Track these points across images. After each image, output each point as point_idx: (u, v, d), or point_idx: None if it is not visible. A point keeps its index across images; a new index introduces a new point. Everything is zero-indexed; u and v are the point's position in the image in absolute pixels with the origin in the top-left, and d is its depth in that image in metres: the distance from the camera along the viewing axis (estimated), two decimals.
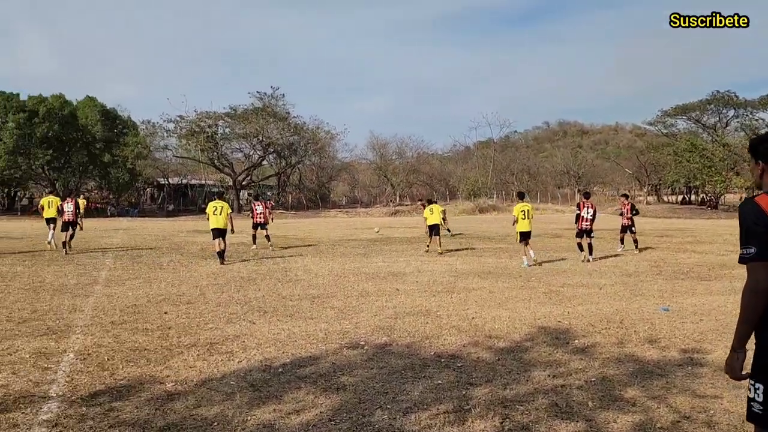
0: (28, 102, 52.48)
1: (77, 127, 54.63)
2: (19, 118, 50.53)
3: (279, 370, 5.43)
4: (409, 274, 12.01)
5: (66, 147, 54.48)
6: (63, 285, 10.56)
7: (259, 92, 60.47)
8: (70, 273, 12.20)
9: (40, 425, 4.10)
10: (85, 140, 55.28)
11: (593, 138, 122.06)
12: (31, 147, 51.12)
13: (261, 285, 10.62)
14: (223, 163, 61.50)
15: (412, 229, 29.90)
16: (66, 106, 54.13)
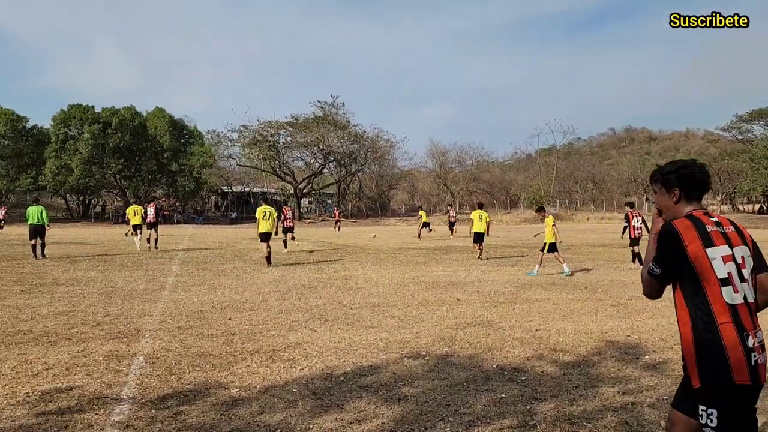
0: (102, 114, 55.18)
1: (147, 138, 56.99)
2: (94, 129, 53.18)
3: (340, 378, 5.44)
4: (469, 284, 11.87)
5: (136, 156, 56.88)
6: (133, 290, 10.96)
7: (319, 101, 61.60)
8: (140, 278, 12.65)
9: (113, 426, 4.23)
10: (154, 150, 57.57)
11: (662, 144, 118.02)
12: (104, 157, 53.66)
13: (322, 293, 10.71)
14: (284, 172, 62.71)
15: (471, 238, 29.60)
16: (137, 118, 56.60)
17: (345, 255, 18.96)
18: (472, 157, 72.99)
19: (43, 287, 11.18)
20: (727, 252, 2.63)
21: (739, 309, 2.55)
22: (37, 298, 9.94)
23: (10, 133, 54.41)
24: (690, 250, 2.61)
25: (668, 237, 2.67)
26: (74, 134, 55.38)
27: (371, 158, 63.93)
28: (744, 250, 2.68)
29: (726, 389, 2.47)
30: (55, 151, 53.69)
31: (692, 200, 2.80)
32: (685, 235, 2.63)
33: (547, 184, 72.44)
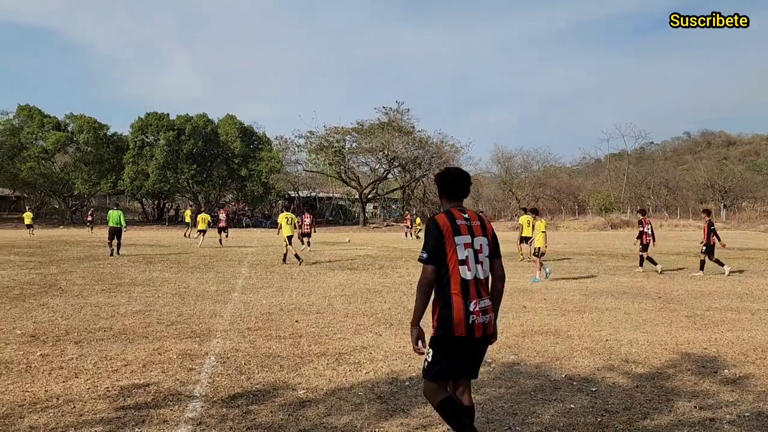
0: (176, 121, 57.43)
1: (218, 144, 58.91)
2: (169, 136, 55.44)
3: (406, 383, 5.44)
4: (536, 291, 11.64)
5: (208, 162, 58.87)
6: (205, 291, 11.32)
7: (384, 107, 61.99)
8: (211, 280, 13.06)
9: (186, 423, 4.38)
10: (224, 156, 59.44)
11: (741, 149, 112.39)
12: (178, 162, 55.80)
13: (387, 297, 10.74)
14: (350, 177, 63.40)
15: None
16: (208, 125, 58.60)
17: (410, 260, 18.96)
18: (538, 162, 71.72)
19: (121, 287, 11.71)
20: (468, 240, 3.46)
21: (469, 283, 3.41)
22: (116, 297, 10.42)
23: (92, 140, 57.40)
24: (446, 238, 3.41)
25: (433, 227, 3.47)
26: (150, 141, 57.89)
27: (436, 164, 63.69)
28: (483, 240, 3.54)
29: (449, 340, 3.40)
30: (132, 157, 56.26)
31: (452, 200, 3.65)
32: (443, 226, 3.44)
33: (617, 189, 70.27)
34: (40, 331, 7.52)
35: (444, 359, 3.44)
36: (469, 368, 3.59)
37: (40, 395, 4.95)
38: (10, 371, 5.65)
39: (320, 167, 64.68)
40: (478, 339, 3.44)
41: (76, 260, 17.64)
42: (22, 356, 6.22)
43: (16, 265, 16.13)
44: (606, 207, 63.43)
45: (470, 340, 3.40)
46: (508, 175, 70.04)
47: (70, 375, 5.55)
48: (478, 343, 3.47)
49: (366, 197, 63.84)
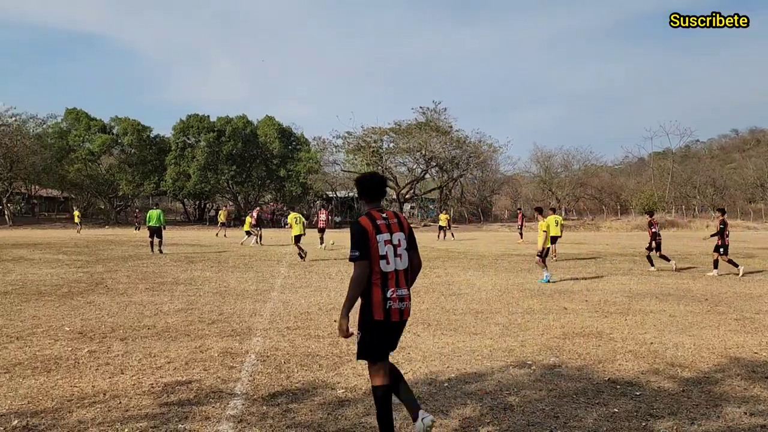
0: (216, 123, 58.41)
1: (257, 145, 59.69)
2: (210, 137, 56.42)
3: (444, 384, 5.40)
4: (577, 293, 11.44)
5: (247, 163, 59.70)
6: (245, 290, 11.47)
7: (422, 107, 61.82)
8: (251, 279, 13.23)
9: (228, 420, 4.45)
10: (263, 156, 60.19)
11: None
12: (218, 163, 56.74)
13: (425, 298, 10.71)
14: (387, 177, 63.46)
15: (579, 245, 28.57)
16: (248, 126, 59.43)
17: (447, 260, 18.87)
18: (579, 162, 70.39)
19: (164, 286, 11.95)
20: (387, 237, 3.91)
21: (388, 275, 3.88)
22: (159, 295, 10.65)
23: (136, 142, 58.79)
24: (370, 236, 3.84)
25: (358, 229, 3.88)
26: (192, 142, 59.00)
27: (473, 163, 63.28)
28: (401, 235, 4.00)
29: (369, 322, 3.87)
30: (174, 159, 57.43)
31: (372, 201, 4.09)
32: (366, 226, 3.87)
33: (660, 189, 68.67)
34: (87, 328, 7.73)
35: (372, 340, 3.91)
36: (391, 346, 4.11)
37: (87, 390, 5.09)
38: (59, 367, 5.82)
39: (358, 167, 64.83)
40: (394, 323, 3.92)
41: (120, 259, 18.10)
42: (71, 352, 6.41)
43: (64, 263, 16.63)
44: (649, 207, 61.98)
45: (387, 323, 3.88)
46: (547, 174, 69.04)
47: (116, 371, 5.69)
48: (394, 327, 3.96)
49: (403, 197, 63.78)
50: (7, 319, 8.30)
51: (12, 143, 53.48)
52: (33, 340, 7.01)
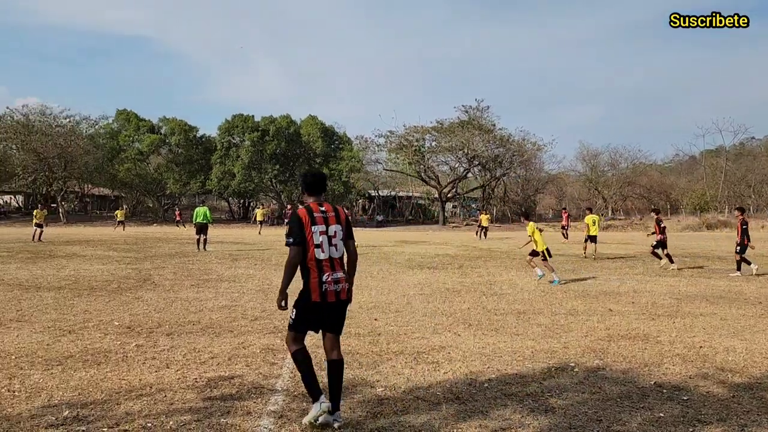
0: (261, 122, 59.25)
1: (300, 144, 60.29)
2: (254, 137, 57.30)
3: (485, 385, 5.36)
4: (623, 294, 11.19)
5: (290, 162, 60.35)
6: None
7: (464, 105, 61.33)
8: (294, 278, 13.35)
9: (268, 415, 4.51)
10: (306, 155, 60.76)
11: None
12: (262, 162, 57.56)
13: (466, 297, 10.64)
14: (429, 176, 63.25)
15: (626, 245, 27.94)
16: (291, 125, 60.09)
17: (489, 260, 18.71)
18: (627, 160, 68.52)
19: (209, 283, 12.20)
20: (323, 229, 4.37)
21: (323, 262, 4.34)
22: (204, 292, 10.87)
23: (183, 142, 60.15)
24: (305, 226, 4.33)
25: (295, 219, 4.39)
26: (236, 142, 60.00)
27: (517, 162, 62.43)
28: (338, 227, 4.44)
29: (307, 303, 4.37)
30: (220, 158, 58.51)
31: (312, 195, 4.57)
32: (303, 217, 4.35)
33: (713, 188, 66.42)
34: (135, 323, 7.95)
35: (303, 318, 4.43)
36: (331, 326, 4.54)
37: (134, 383, 5.24)
38: (108, 360, 6.00)
39: (400, 166, 64.87)
40: (331, 303, 4.39)
41: (167, 256, 18.55)
42: (119, 346, 6.60)
43: (114, 260, 17.14)
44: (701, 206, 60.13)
45: (324, 304, 4.36)
46: (593, 173, 67.56)
47: (162, 365, 5.84)
48: (332, 307, 4.42)
49: (445, 196, 63.44)
50: (61, 313, 8.60)
51: (66, 144, 55.38)
52: (84, 333, 7.25)
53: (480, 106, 60.94)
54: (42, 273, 13.47)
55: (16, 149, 58.64)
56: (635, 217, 61.29)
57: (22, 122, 56.45)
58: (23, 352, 6.27)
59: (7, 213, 58.54)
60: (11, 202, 68.13)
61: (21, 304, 9.26)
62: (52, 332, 7.28)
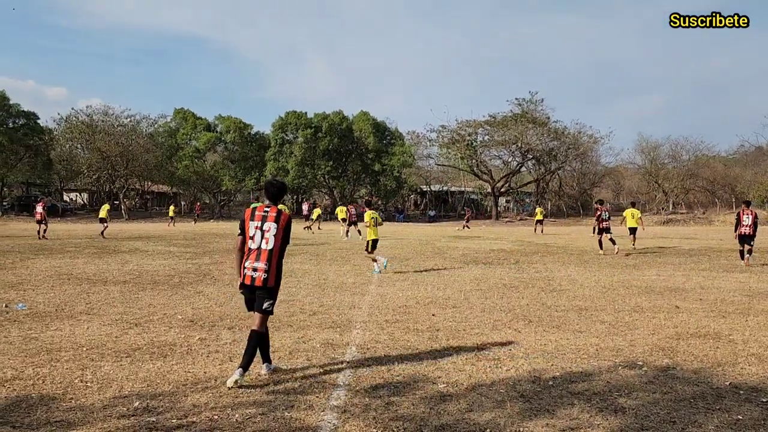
0: (314, 119, 59.90)
1: (352, 140, 60.66)
2: (307, 133, 57.96)
3: (549, 383, 5.23)
4: (690, 291, 10.77)
5: (343, 158, 60.83)
6: (343, 283, 11.67)
7: (517, 98, 60.40)
8: (348, 272, 13.44)
9: (331, 410, 4.51)
10: (359, 151, 61.09)
11: None
12: (315, 158, 58.21)
13: (524, 293, 10.45)
14: (482, 170, 62.62)
15: (690, 239, 26.95)
16: (344, 121, 60.49)
17: (546, 255, 18.35)
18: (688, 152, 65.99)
19: None
20: (258, 225, 5.28)
21: (252, 251, 5.27)
22: None
23: (238, 140, 61.42)
24: (246, 221, 5.35)
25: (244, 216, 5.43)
26: (290, 138, 60.84)
27: (572, 155, 61.01)
28: (273, 225, 5.27)
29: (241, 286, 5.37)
30: (274, 154, 59.47)
31: (268, 199, 5.47)
32: (245, 214, 5.40)
33: None
34: (197, 316, 8.13)
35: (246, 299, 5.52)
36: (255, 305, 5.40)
37: (200, 376, 5.34)
38: (174, 353, 6.14)
39: (452, 161, 64.36)
40: (248, 286, 5.32)
41: (225, 251, 18.94)
42: (183, 339, 6.75)
43: (175, 255, 17.61)
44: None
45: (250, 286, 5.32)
46: (653, 165, 65.35)
47: (225, 358, 5.93)
48: (252, 289, 5.33)
49: (498, 191, 62.66)
50: (127, 306, 8.88)
51: (128, 142, 57.36)
52: (150, 326, 7.45)
53: (534, 98, 59.93)
54: (108, 267, 13.96)
55: (81, 148, 61.17)
56: (698, 210, 59.11)
57: (86, 122, 58.78)
58: (94, 344, 6.48)
59: (73, 210, 61.01)
60: (77, 199, 71.01)
61: (90, 298, 9.60)
62: (120, 325, 7.51)
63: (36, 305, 8.85)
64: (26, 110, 56.32)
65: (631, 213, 21.08)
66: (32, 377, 5.26)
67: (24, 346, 6.39)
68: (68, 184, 68.28)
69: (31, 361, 5.76)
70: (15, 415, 4.38)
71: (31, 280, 11.64)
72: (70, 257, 16.44)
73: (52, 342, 6.57)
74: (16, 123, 55.42)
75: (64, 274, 12.64)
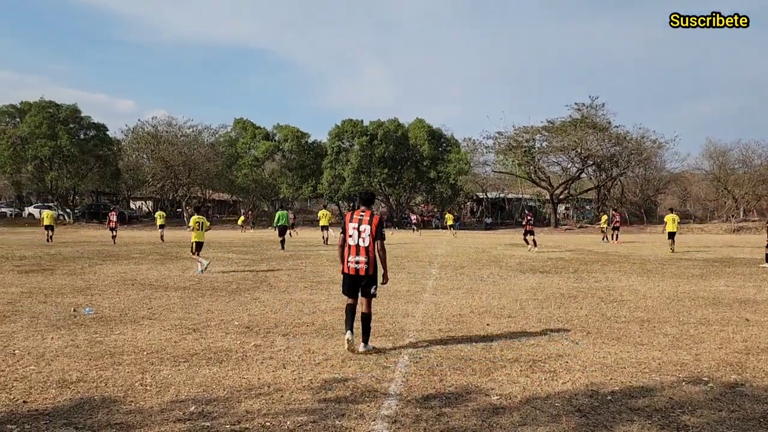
0: (369, 127, 60.28)
1: (408, 147, 60.70)
2: (363, 141, 58.38)
3: (608, 397, 5.04)
4: (761, 303, 10.23)
5: (398, 165, 60.90)
6: (397, 291, 11.65)
7: (576, 103, 59.07)
8: (403, 280, 13.41)
9: (382, 419, 4.48)
10: (414, 159, 61.05)
11: None
12: (371, 166, 58.53)
13: (583, 303, 10.17)
14: (540, 177, 61.55)
15: (761, 249, 25.66)
16: (399, 129, 60.61)
17: (606, 264, 17.83)
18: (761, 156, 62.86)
19: (321, 285, 12.48)
20: (356, 226, 6.56)
21: (351, 247, 6.56)
22: (317, 294, 11.13)
23: (295, 148, 62.47)
24: (345, 223, 6.66)
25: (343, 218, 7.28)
26: (346, 146, 61.40)
27: (635, 161, 59.15)
28: (367, 227, 6.54)
29: (343, 273, 6.66)
30: (330, 162, 60.13)
31: (362, 204, 6.85)
32: (346, 217, 6.72)
33: None
34: (253, 323, 8.26)
35: (343, 284, 6.76)
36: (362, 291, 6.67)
37: (254, 382, 5.41)
38: (229, 358, 6.26)
39: (509, 168, 63.49)
40: (352, 276, 6.60)
41: (281, 259, 19.24)
42: (239, 345, 6.87)
43: (233, 262, 18.01)
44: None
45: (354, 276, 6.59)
46: (722, 171, 62.67)
47: (279, 365, 6.00)
48: (355, 279, 6.60)
49: (557, 198, 61.41)
50: (186, 312, 9.12)
51: (190, 152, 59.25)
52: (207, 332, 7.62)
53: (594, 103, 58.48)
54: (169, 274, 14.39)
55: (146, 158, 63.55)
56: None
57: (151, 133, 61.10)
58: (153, 348, 6.68)
59: (138, 217, 63.36)
60: (142, 207, 73.73)
61: (151, 303, 9.92)
62: (179, 330, 7.71)
63: (102, 309, 9.20)
64: (96, 122, 59.00)
65: (672, 218, 23.69)
66: (95, 380, 5.46)
67: (89, 349, 6.64)
68: (134, 193, 71.01)
69: (95, 364, 5.98)
70: (78, 416, 4.54)
71: (98, 285, 12.13)
72: (134, 263, 17.05)
73: (115, 346, 6.81)
74: (87, 134, 58.12)
75: (128, 279, 13.11)
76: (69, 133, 54.76)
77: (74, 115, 56.70)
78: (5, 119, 57.61)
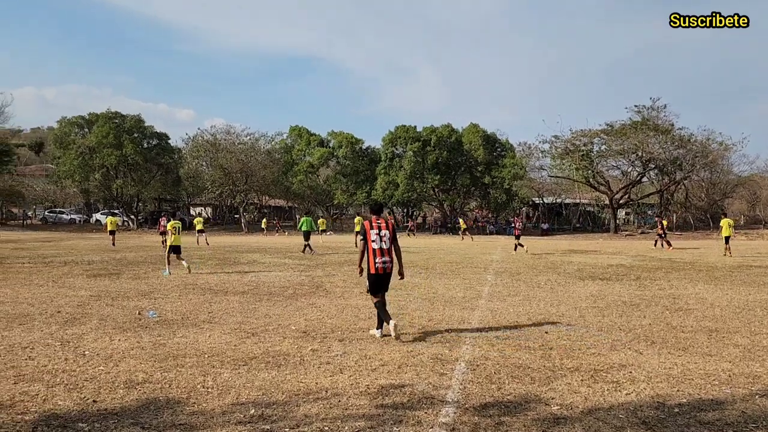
0: (422, 132, 60.27)
1: (461, 152, 60.33)
2: (415, 147, 58.39)
3: (675, 410, 4.86)
4: None
5: (452, 171, 60.60)
6: (452, 297, 11.56)
7: (637, 105, 57.30)
8: (458, 286, 13.30)
9: (440, 427, 4.44)
10: (468, 164, 60.65)
11: None
12: (424, 172, 58.47)
13: (646, 312, 9.84)
14: (598, 181, 60.01)
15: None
16: (453, 134, 60.37)
17: (670, 271, 17.22)
18: None
19: None
20: (377, 231, 7.69)
21: (376, 251, 7.66)
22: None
23: (349, 154, 63.02)
24: (366, 229, 7.74)
25: (363, 225, 7.88)
26: (399, 152, 61.55)
27: (700, 164, 56.89)
28: (386, 232, 7.74)
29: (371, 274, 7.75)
30: (384, 168, 60.39)
31: (374, 213, 8.03)
32: (366, 224, 7.80)
33: None
34: (310, 328, 8.35)
35: (371, 284, 7.76)
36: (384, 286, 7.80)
37: (311, 387, 5.46)
38: (287, 363, 6.34)
39: (566, 172, 62.11)
40: (381, 275, 7.69)
41: (336, 264, 19.39)
42: (296, 350, 6.95)
43: (289, 267, 18.27)
44: None
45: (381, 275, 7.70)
46: None
47: (336, 370, 6.03)
48: (383, 277, 7.71)
49: (617, 203, 59.71)
50: (245, 316, 9.30)
51: (247, 159, 60.62)
52: (265, 336, 7.74)
53: (655, 105, 56.59)
54: (228, 278, 14.72)
55: (206, 166, 65.38)
56: None
57: (210, 141, 62.83)
58: (214, 352, 6.83)
59: None
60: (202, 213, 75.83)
61: (212, 307, 10.16)
62: (238, 334, 7.87)
63: (165, 313, 9.49)
64: (159, 131, 61.26)
65: (728, 223, 23.81)
66: (160, 381, 5.62)
67: (153, 351, 6.85)
68: (194, 199, 73.10)
69: (159, 366, 6.17)
70: (145, 416, 4.68)
71: (161, 289, 12.51)
72: (194, 268, 17.52)
73: (178, 348, 7.00)
74: (150, 143, 60.39)
75: (189, 284, 13.48)
76: (133, 143, 57.04)
77: (138, 125, 59.00)
78: (75, 130, 60.45)
